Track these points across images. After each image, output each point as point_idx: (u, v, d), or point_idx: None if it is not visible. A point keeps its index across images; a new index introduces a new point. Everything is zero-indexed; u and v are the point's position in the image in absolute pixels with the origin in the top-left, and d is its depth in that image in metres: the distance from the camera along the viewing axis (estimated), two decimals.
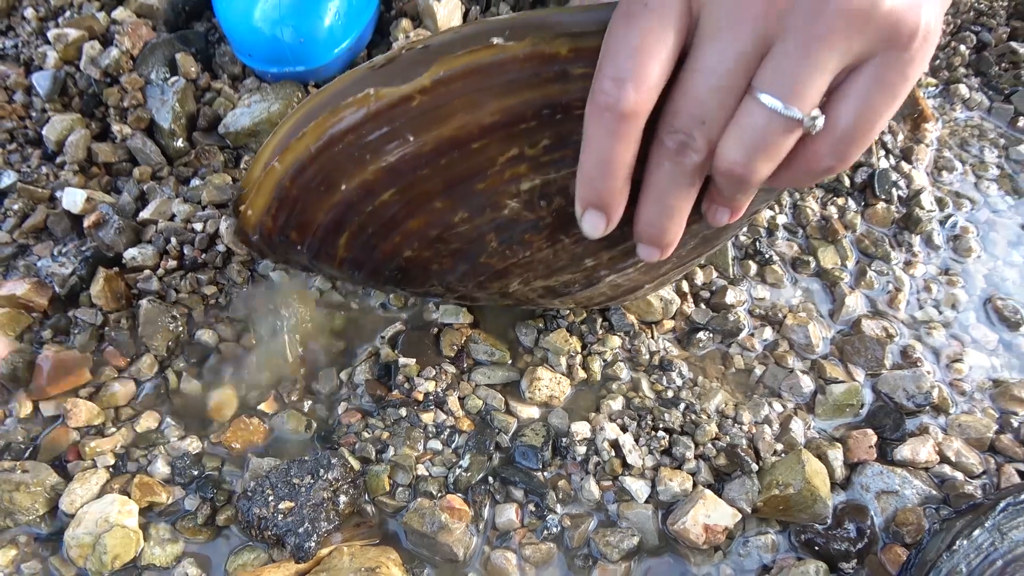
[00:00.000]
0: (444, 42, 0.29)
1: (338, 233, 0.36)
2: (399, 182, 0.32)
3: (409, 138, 0.31)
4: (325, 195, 0.34)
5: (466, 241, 0.35)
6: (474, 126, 0.30)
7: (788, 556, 0.44)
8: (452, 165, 0.31)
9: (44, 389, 0.45)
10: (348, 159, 0.32)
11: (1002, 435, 0.48)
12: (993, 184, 0.59)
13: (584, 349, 0.50)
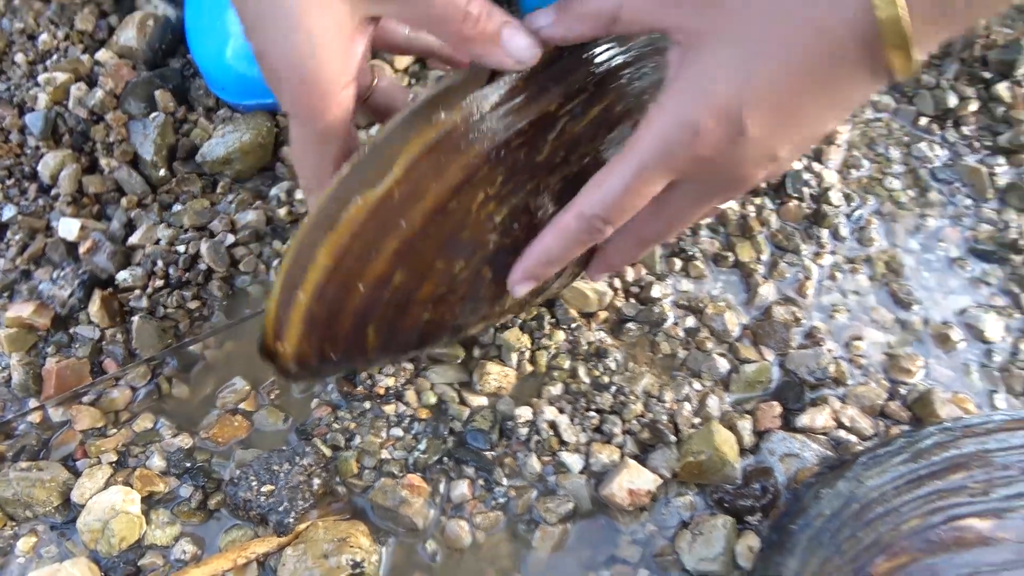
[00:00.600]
0: (398, 133, 0.34)
1: (365, 328, 0.39)
2: (404, 262, 0.37)
3: (401, 223, 0.35)
4: (347, 302, 0.37)
5: (469, 284, 0.40)
6: (445, 191, 0.35)
7: (704, 513, 0.51)
8: (440, 228, 0.36)
9: (51, 395, 0.52)
10: (359, 263, 0.36)
11: (891, 402, 0.55)
12: (896, 180, 0.67)
13: (533, 344, 0.57)
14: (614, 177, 0.33)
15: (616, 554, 0.50)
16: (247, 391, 0.53)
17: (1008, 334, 0.59)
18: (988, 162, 0.67)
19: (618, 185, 0.33)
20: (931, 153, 0.68)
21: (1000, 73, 0.70)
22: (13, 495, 0.48)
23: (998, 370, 0.58)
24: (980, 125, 0.69)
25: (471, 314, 0.43)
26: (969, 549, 0.40)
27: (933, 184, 0.67)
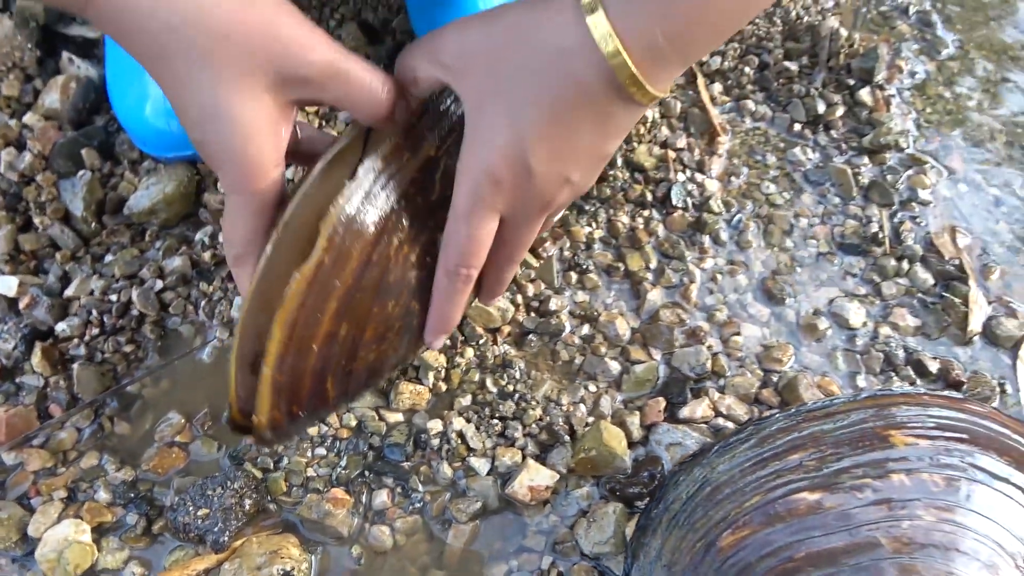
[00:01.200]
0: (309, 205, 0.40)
1: (324, 382, 0.43)
2: (346, 316, 0.42)
3: (336, 284, 0.40)
4: (306, 363, 0.41)
5: (402, 319, 0.45)
6: (365, 245, 0.40)
7: (599, 501, 0.58)
8: (370, 279, 0.41)
9: (3, 441, 0.57)
10: (308, 328, 0.41)
11: (764, 389, 0.63)
12: (772, 184, 0.74)
13: (448, 363, 0.64)
14: (453, 233, 0.41)
15: (523, 544, 0.57)
16: (182, 424, 0.59)
17: (869, 320, 0.67)
18: (854, 162, 0.75)
19: (459, 237, 0.41)
20: (804, 157, 0.75)
21: (862, 79, 0.78)
22: None
23: (860, 353, 0.65)
24: (847, 128, 0.77)
25: (409, 344, 0.49)
26: (801, 518, 0.47)
27: (806, 186, 0.74)
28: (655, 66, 0.35)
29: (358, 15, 0.77)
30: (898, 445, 0.50)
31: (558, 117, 0.37)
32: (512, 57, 0.36)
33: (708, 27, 0.36)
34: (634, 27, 0.34)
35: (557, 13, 0.35)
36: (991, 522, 0.48)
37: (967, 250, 0.71)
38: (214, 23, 0.34)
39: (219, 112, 0.36)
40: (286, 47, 0.36)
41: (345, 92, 0.38)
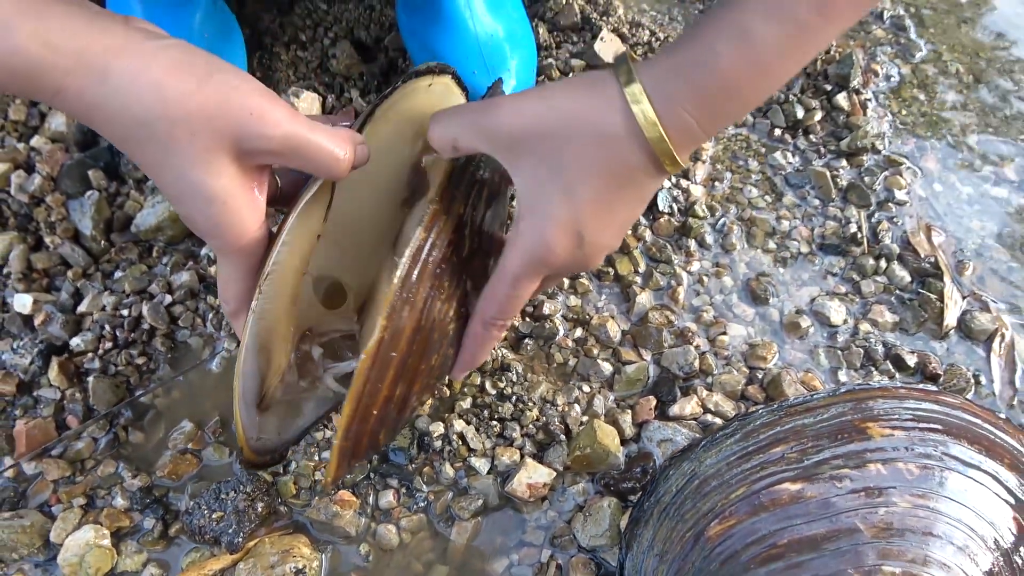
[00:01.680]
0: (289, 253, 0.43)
1: (378, 435, 0.47)
2: (402, 379, 0.45)
3: (392, 355, 0.43)
4: (366, 426, 0.45)
5: (441, 366, 0.49)
6: (416, 315, 0.43)
7: (594, 497, 0.61)
8: (419, 342, 0.45)
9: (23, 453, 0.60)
10: (370, 398, 0.43)
11: (750, 386, 0.66)
12: (755, 188, 0.77)
13: None
14: (499, 291, 0.45)
15: (523, 539, 0.60)
16: (195, 432, 0.62)
17: (849, 317, 0.70)
18: (833, 165, 0.78)
19: (503, 296, 0.45)
20: (784, 161, 0.78)
21: (838, 85, 0.81)
22: (1, 540, 0.56)
23: (841, 349, 0.69)
24: (826, 132, 0.80)
25: (441, 381, 0.53)
26: (783, 508, 0.50)
27: (787, 189, 0.77)
28: (686, 143, 0.40)
29: (351, 33, 0.80)
30: (875, 436, 0.53)
31: (607, 193, 0.41)
32: (569, 142, 0.40)
33: (733, 110, 0.40)
34: (673, 114, 0.38)
35: (607, 102, 0.39)
36: (963, 507, 0.51)
37: (942, 248, 0.74)
38: (174, 108, 0.36)
39: (194, 189, 0.39)
40: (243, 123, 0.38)
41: (306, 161, 0.41)
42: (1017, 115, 0.85)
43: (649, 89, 0.38)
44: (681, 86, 0.38)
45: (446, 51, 0.71)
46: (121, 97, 0.36)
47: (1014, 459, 0.54)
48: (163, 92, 0.36)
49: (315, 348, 0.52)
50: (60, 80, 0.35)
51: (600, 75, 0.40)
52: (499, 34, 0.73)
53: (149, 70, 0.36)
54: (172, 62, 0.37)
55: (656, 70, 0.39)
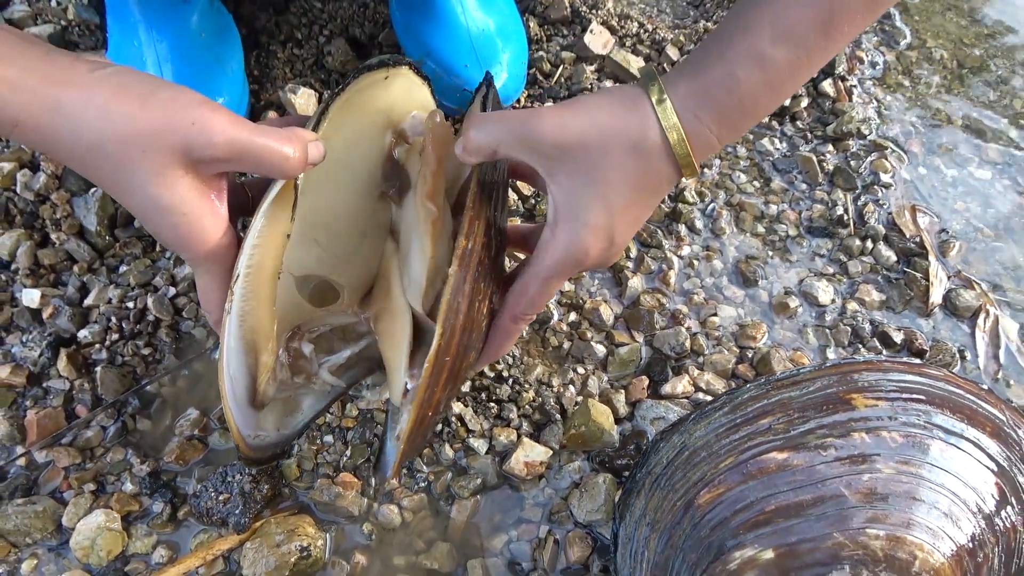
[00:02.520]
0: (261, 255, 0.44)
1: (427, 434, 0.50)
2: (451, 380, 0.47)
3: (446, 360, 0.45)
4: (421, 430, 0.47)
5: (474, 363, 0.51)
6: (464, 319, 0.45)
7: (590, 473, 0.63)
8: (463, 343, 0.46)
9: (35, 441, 0.62)
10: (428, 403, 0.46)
11: (740, 365, 0.68)
12: (743, 174, 0.79)
13: None
14: (532, 289, 0.47)
15: (522, 515, 0.62)
16: (200, 419, 0.64)
17: (837, 297, 0.72)
18: (819, 150, 0.80)
19: (535, 294, 0.47)
20: (772, 147, 0.80)
21: (824, 71, 0.83)
22: (14, 526, 0.58)
23: (829, 328, 0.71)
24: (812, 118, 0.82)
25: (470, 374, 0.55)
26: (771, 476, 0.52)
27: (774, 174, 0.79)
28: (705, 154, 0.44)
29: (346, 31, 0.82)
30: (859, 407, 0.55)
31: (637, 200, 0.45)
32: (607, 156, 0.43)
33: (747, 124, 0.45)
34: (698, 131, 0.43)
35: (643, 120, 0.43)
36: (947, 473, 0.53)
37: (927, 228, 0.76)
38: (121, 129, 0.38)
39: (154, 204, 0.40)
40: (188, 135, 0.39)
41: (255, 164, 0.42)
42: (999, 99, 0.87)
43: (678, 108, 0.42)
44: (705, 106, 0.42)
45: (439, 46, 0.73)
46: (72, 124, 0.38)
47: (996, 427, 0.56)
48: (109, 115, 0.38)
49: (305, 345, 0.53)
50: (17, 115, 0.37)
51: (634, 93, 0.44)
52: (490, 28, 0.75)
53: (94, 97, 0.38)
54: (114, 88, 0.38)
55: (683, 90, 0.43)
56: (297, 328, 0.53)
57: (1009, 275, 0.75)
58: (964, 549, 0.51)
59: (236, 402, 0.47)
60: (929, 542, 0.51)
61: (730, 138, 0.45)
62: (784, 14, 0.41)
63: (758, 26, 0.41)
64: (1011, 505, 0.54)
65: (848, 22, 0.41)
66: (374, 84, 0.51)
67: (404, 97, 0.54)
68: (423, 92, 0.55)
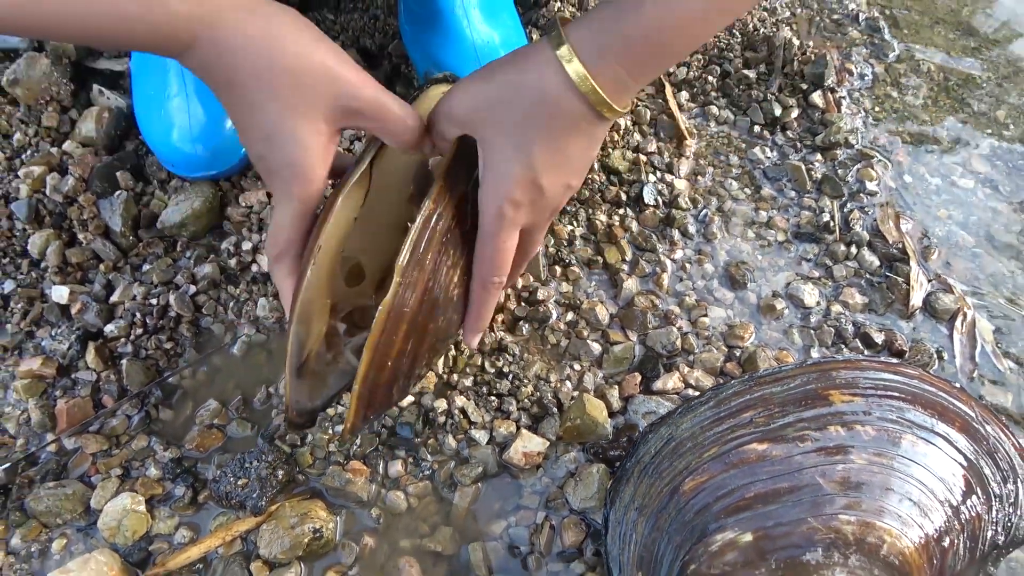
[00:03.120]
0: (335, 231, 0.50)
1: (391, 389, 0.52)
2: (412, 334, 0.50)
3: (405, 310, 0.48)
4: (381, 377, 0.50)
5: (446, 330, 0.55)
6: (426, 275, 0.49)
7: (584, 464, 0.67)
8: (428, 301, 0.50)
9: (64, 429, 0.67)
10: (386, 347, 0.49)
11: (728, 363, 0.72)
12: (735, 181, 0.83)
13: (456, 350, 0.73)
14: (485, 251, 0.51)
15: (520, 502, 0.67)
16: (219, 409, 0.69)
17: (822, 299, 0.76)
18: (808, 159, 0.84)
19: (490, 253, 0.51)
20: (763, 156, 0.85)
21: (814, 83, 0.87)
22: (46, 508, 0.63)
23: (813, 329, 0.75)
24: (802, 128, 0.87)
25: (445, 347, 0.59)
26: (751, 465, 0.56)
27: (765, 182, 0.84)
28: (619, 91, 0.46)
29: (357, 41, 0.87)
30: (836, 402, 0.59)
31: (554, 142, 0.47)
32: (512, 105, 0.47)
33: (660, 63, 0.47)
34: (602, 67, 0.45)
35: (543, 65, 0.45)
36: (917, 465, 0.57)
37: (909, 234, 0.80)
38: (290, 63, 0.44)
39: (284, 132, 0.46)
40: (342, 85, 0.46)
41: (384, 123, 0.48)
42: (984, 111, 0.91)
43: (578, 47, 0.44)
44: (609, 41, 0.44)
45: (445, 58, 0.78)
46: (252, 45, 0.44)
47: (965, 423, 0.60)
48: (285, 47, 0.44)
49: (339, 323, 0.58)
50: (197, 30, 0.43)
51: (537, 45, 0.46)
52: (495, 41, 0.79)
53: (272, 28, 0.44)
54: (289, 26, 0.45)
55: (585, 30, 0.45)
56: (334, 306, 0.57)
57: (987, 280, 0.79)
58: (931, 536, 0.55)
59: (291, 368, 0.52)
60: (898, 528, 0.55)
61: (643, 74, 0.46)
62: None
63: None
64: (976, 495, 0.58)
65: None
66: (434, 97, 0.55)
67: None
68: None
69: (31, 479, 0.65)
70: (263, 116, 0.46)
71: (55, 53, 0.82)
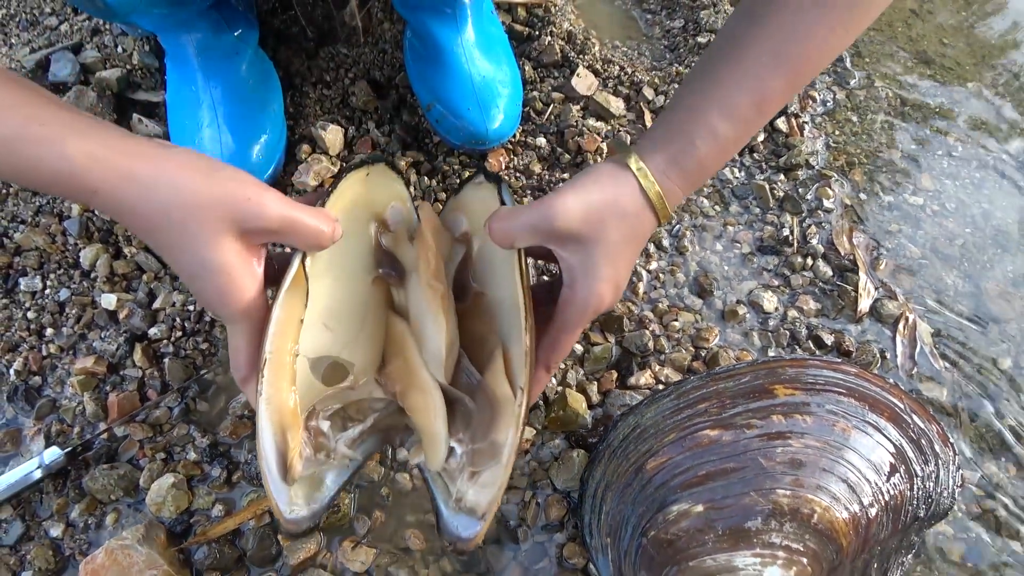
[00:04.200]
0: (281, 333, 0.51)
1: None
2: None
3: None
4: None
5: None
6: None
7: (567, 450, 0.78)
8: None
9: (115, 419, 0.78)
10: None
11: (695, 362, 0.83)
12: (705, 199, 0.94)
13: None
14: (562, 341, 0.57)
15: (510, 482, 0.77)
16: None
17: (780, 305, 0.87)
18: (772, 179, 0.95)
19: (564, 344, 0.57)
20: (731, 176, 0.95)
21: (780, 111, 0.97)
22: (100, 486, 0.74)
23: (771, 332, 0.85)
24: (768, 151, 0.97)
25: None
26: (704, 448, 0.67)
27: (732, 200, 0.94)
28: (675, 204, 0.56)
29: (367, 74, 0.98)
30: (780, 395, 0.69)
31: (632, 252, 0.56)
32: (605, 225, 0.54)
33: (703, 180, 0.57)
34: (670, 190, 0.55)
35: (630, 190, 0.54)
36: (848, 448, 0.67)
37: (861, 247, 0.91)
38: (188, 199, 0.46)
39: (205, 267, 0.47)
40: (244, 211, 0.47)
41: (296, 235, 0.50)
42: (935, 134, 1.01)
43: (654, 173, 0.54)
44: (673, 169, 0.54)
45: (446, 91, 0.88)
46: (145, 192, 0.45)
47: (894, 413, 0.70)
48: (177, 187, 0.45)
49: (323, 422, 0.59)
50: (96, 183, 0.44)
51: (618, 168, 0.54)
52: (491, 75, 0.90)
53: (165, 171, 0.45)
54: (182, 163, 0.46)
55: (657, 159, 0.54)
56: (313, 408, 0.58)
57: (930, 288, 0.89)
58: (858, 508, 0.65)
59: (273, 481, 0.52)
60: (827, 501, 0.65)
61: (691, 190, 0.57)
62: (730, 99, 0.53)
63: (711, 108, 0.53)
64: (900, 474, 0.68)
65: (774, 102, 0.54)
66: (358, 181, 0.58)
67: (378, 189, 0.61)
68: (399, 184, 0.63)
69: (87, 462, 0.76)
70: (181, 256, 0.47)
71: (99, 86, 0.93)
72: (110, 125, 0.47)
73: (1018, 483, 0.79)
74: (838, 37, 0.52)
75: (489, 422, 0.58)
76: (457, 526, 0.57)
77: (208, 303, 0.49)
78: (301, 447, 0.55)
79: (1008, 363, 0.85)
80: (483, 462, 0.58)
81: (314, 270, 0.54)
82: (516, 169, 0.92)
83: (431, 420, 0.57)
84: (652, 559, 0.64)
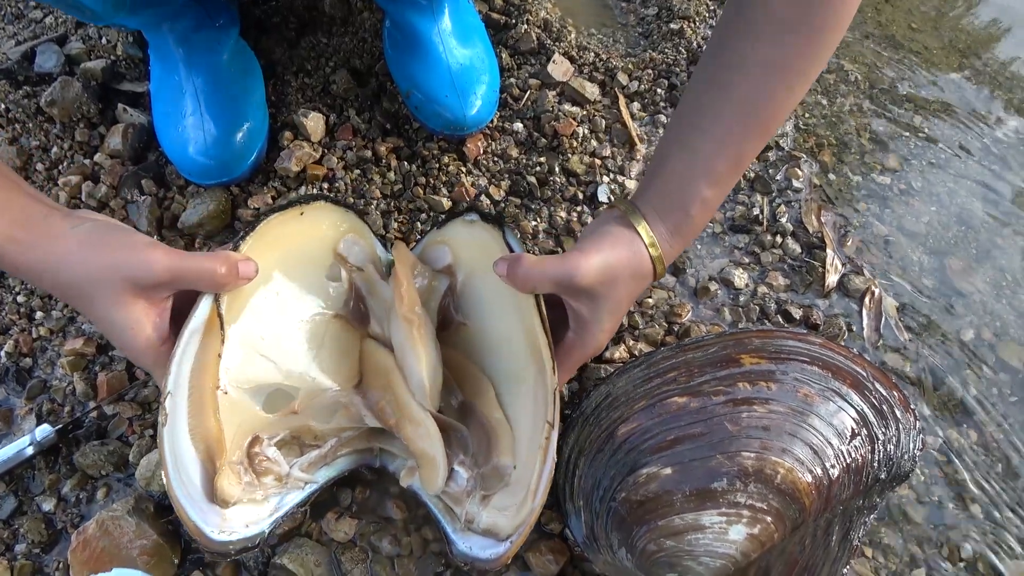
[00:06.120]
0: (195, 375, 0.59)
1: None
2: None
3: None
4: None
5: None
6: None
7: None
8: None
9: (104, 397, 0.81)
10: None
11: (668, 336, 0.86)
12: None
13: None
14: (563, 379, 0.69)
15: None
16: None
17: (751, 282, 0.90)
18: None
19: (563, 381, 0.68)
20: None
21: None
22: (91, 462, 0.77)
23: (742, 307, 0.89)
24: None
25: None
26: (673, 414, 0.70)
27: None
28: (671, 262, 0.67)
29: (348, 62, 1.01)
30: (745, 364, 0.73)
31: (631, 301, 0.67)
32: (616, 281, 0.63)
33: (694, 238, 0.69)
34: (670, 252, 0.65)
35: (640, 253, 0.64)
36: (813, 414, 0.71)
37: (829, 225, 0.94)
38: (86, 274, 0.54)
39: (112, 324, 0.56)
40: (133, 269, 0.55)
41: (192, 282, 0.58)
42: (903, 115, 1.05)
43: (659, 241, 0.64)
44: (674, 237, 0.65)
45: (424, 79, 0.92)
46: (53, 269, 0.54)
47: (856, 380, 0.74)
48: (74, 262, 0.54)
49: (268, 449, 0.63)
50: (15, 261, 0.53)
51: (632, 235, 0.64)
52: (468, 63, 0.93)
53: (69, 248, 0.54)
54: (81, 240, 0.55)
55: (660, 229, 0.64)
56: (255, 437, 0.63)
57: (896, 264, 0.93)
58: (820, 470, 0.69)
59: (193, 504, 0.56)
60: (791, 463, 0.68)
61: (683, 248, 0.68)
62: (713, 168, 0.62)
63: (698, 179, 0.63)
64: (860, 438, 0.72)
65: (749, 156, 0.63)
66: (291, 220, 0.62)
67: (317, 227, 0.66)
68: (351, 218, 0.67)
69: (78, 439, 0.79)
70: (95, 319, 0.57)
71: (84, 76, 0.96)
72: (14, 197, 0.55)
73: (979, 449, 0.82)
74: (796, 94, 0.60)
75: (488, 446, 0.65)
76: (471, 547, 0.61)
77: (126, 354, 0.59)
78: (238, 473, 0.58)
79: (971, 335, 0.88)
80: (493, 485, 0.65)
81: (256, 308, 0.61)
82: (494, 153, 0.95)
83: (427, 447, 0.62)
84: (623, 520, 0.68)
